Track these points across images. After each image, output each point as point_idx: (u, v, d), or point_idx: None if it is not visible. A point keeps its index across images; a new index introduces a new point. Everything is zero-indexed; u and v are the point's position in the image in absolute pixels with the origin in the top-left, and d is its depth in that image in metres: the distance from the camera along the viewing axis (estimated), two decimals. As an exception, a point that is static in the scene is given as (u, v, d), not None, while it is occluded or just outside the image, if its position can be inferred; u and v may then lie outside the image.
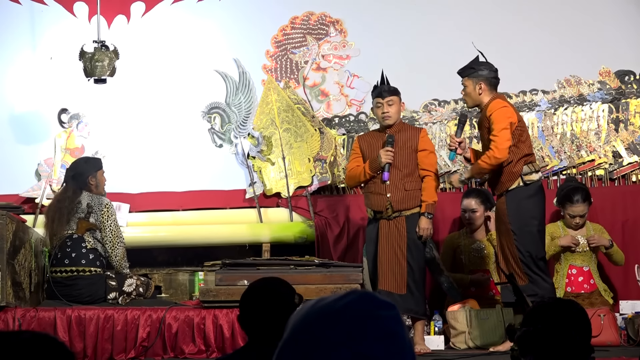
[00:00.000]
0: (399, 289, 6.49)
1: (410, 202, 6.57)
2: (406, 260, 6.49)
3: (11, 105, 8.27)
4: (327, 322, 1.57)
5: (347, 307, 1.59)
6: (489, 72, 6.35)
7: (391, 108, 6.66)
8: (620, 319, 6.80)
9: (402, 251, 6.50)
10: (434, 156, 6.74)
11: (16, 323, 6.51)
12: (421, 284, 6.59)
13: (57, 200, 7.13)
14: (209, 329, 6.54)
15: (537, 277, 6.23)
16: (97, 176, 7.09)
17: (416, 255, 6.53)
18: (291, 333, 1.60)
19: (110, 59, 7.48)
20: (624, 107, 8.07)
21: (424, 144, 6.64)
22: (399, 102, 6.72)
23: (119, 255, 6.96)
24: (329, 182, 8.14)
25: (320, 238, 7.85)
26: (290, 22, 8.37)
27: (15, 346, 1.68)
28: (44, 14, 8.35)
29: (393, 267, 6.51)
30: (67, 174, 7.22)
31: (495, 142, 6.16)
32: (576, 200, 7.21)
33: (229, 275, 6.67)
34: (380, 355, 1.56)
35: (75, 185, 7.04)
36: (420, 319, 6.58)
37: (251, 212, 8.11)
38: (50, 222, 7.02)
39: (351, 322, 1.56)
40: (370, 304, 1.60)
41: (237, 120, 8.25)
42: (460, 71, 6.45)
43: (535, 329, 2.93)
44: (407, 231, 6.53)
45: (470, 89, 6.37)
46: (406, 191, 6.57)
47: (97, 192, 7.06)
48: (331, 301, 1.60)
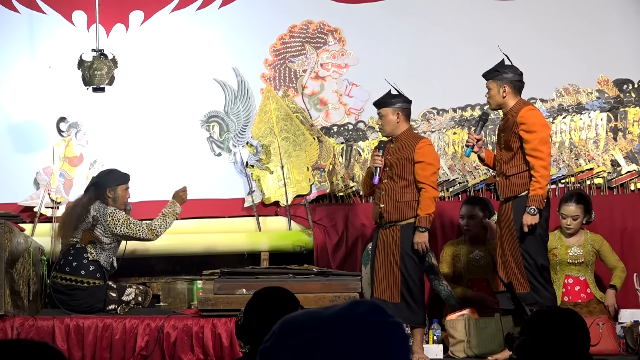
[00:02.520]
0: (392, 298, 6.49)
1: (402, 213, 6.56)
2: (400, 270, 6.48)
3: (10, 114, 8.27)
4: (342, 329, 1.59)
5: (364, 316, 1.63)
6: (513, 76, 6.38)
7: (381, 120, 6.78)
8: (619, 327, 6.79)
9: (396, 261, 6.50)
10: (432, 167, 6.61)
11: (14, 332, 6.50)
12: (417, 293, 6.56)
13: (73, 205, 7.18)
14: (208, 337, 6.53)
15: (540, 286, 6.22)
16: (117, 190, 7.08)
17: (409, 266, 6.50)
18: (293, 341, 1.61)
19: (109, 68, 7.48)
20: (622, 115, 8.08)
21: (420, 155, 6.59)
22: (390, 113, 6.71)
23: (145, 231, 6.94)
24: (328, 191, 8.14)
25: (319, 247, 7.85)
26: (288, 30, 8.38)
27: (14, 355, 1.68)
28: (42, 22, 8.35)
29: (387, 276, 6.52)
30: (91, 180, 7.25)
31: (541, 158, 6.17)
32: (569, 200, 7.20)
33: (228, 284, 6.67)
34: (403, 356, 1.63)
35: (93, 194, 7.04)
36: (418, 327, 6.58)
37: (250, 220, 8.10)
38: (62, 224, 7.08)
39: (373, 329, 1.62)
40: (383, 312, 1.65)
41: (235, 128, 8.25)
42: (485, 74, 6.47)
43: (534, 337, 2.93)
44: (401, 241, 6.52)
45: (495, 92, 6.39)
46: (398, 202, 6.57)
47: (115, 206, 7.04)
48: (341, 310, 1.63)
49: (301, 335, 1.61)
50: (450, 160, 8.12)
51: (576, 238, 7.23)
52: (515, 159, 6.30)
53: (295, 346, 1.60)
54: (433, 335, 6.85)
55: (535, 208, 6.17)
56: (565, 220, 7.16)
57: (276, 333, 1.64)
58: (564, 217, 7.17)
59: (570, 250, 7.19)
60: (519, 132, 6.23)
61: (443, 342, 6.83)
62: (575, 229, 7.20)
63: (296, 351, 1.60)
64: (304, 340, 1.60)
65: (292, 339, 1.61)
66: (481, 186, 8.07)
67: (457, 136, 8.17)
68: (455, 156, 8.12)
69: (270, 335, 1.65)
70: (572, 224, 7.16)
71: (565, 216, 7.16)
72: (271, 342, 1.64)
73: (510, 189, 6.31)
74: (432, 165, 6.62)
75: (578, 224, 7.19)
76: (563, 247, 7.20)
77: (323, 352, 1.58)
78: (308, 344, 1.60)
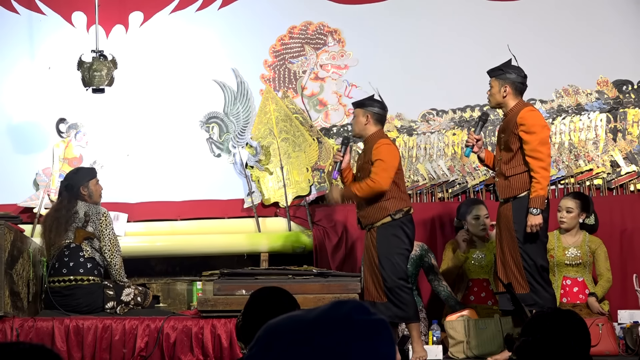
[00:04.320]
0: (379, 298, 6.49)
1: (375, 215, 6.54)
2: (379, 270, 6.48)
3: (9, 115, 8.27)
4: (328, 329, 1.59)
5: (348, 315, 1.62)
6: (516, 77, 6.37)
7: (352, 120, 6.83)
8: (619, 328, 6.79)
9: (375, 262, 6.50)
10: (382, 163, 6.48)
11: (14, 333, 6.50)
12: (401, 291, 6.47)
13: (54, 210, 7.13)
14: (207, 338, 6.53)
15: (539, 287, 6.21)
16: (89, 186, 7.08)
17: (386, 266, 6.46)
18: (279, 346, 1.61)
19: (109, 69, 7.48)
20: (621, 116, 8.08)
21: (375, 154, 6.53)
22: (360, 114, 6.66)
23: (117, 264, 6.96)
24: (327, 192, 8.14)
25: (319, 247, 7.85)
26: (288, 31, 8.38)
27: (12, 358, 1.67)
28: (42, 23, 8.35)
29: (372, 277, 6.53)
30: (61, 185, 7.24)
31: (541, 159, 6.17)
32: (567, 195, 7.24)
33: (227, 285, 6.67)
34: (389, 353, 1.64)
35: (70, 196, 7.04)
36: (412, 322, 6.56)
37: (249, 221, 8.10)
38: (48, 232, 7.01)
39: (359, 327, 1.62)
40: (367, 311, 1.65)
41: (235, 129, 8.25)
42: (490, 71, 6.47)
43: (534, 339, 2.92)
44: (377, 242, 6.50)
45: (495, 90, 6.39)
46: (369, 205, 6.55)
47: (92, 202, 7.05)
48: (325, 310, 1.62)
49: (287, 338, 1.60)
50: (449, 161, 8.12)
51: (574, 239, 7.21)
52: (515, 159, 6.29)
53: (281, 350, 1.60)
54: (433, 336, 6.84)
55: (538, 209, 6.17)
56: (560, 212, 7.16)
57: (261, 338, 1.63)
58: (559, 210, 7.18)
59: (568, 252, 7.18)
60: (518, 133, 6.23)
61: (443, 343, 6.83)
62: (569, 224, 7.16)
63: (283, 355, 1.59)
64: (290, 344, 1.60)
65: (277, 343, 1.60)
66: (480, 187, 8.07)
67: (456, 137, 8.17)
68: (455, 157, 8.12)
69: (255, 341, 1.65)
70: (566, 217, 7.14)
71: (560, 209, 7.17)
72: (256, 349, 1.63)
73: (509, 189, 6.31)
74: (382, 161, 6.50)
75: (572, 219, 7.16)
76: (560, 248, 7.19)
77: (310, 354, 1.58)
78: (294, 347, 1.59)
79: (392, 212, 6.49)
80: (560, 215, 7.15)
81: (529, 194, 6.21)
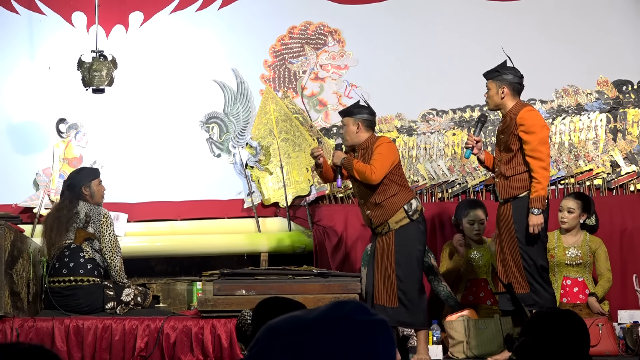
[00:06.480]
0: (390, 302, 6.47)
1: (388, 212, 6.53)
2: (395, 273, 6.46)
3: (9, 115, 8.28)
4: (328, 330, 1.59)
5: (349, 315, 1.62)
6: (513, 77, 6.37)
7: (342, 130, 6.78)
8: (619, 328, 6.79)
9: (391, 264, 6.48)
10: (380, 156, 6.49)
11: (14, 333, 6.50)
12: (415, 295, 6.51)
13: (55, 210, 7.13)
14: (207, 338, 6.53)
15: (539, 287, 6.21)
16: (91, 186, 7.08)
17: (405, 267, 6.47)
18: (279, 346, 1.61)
19: (109, 69, 7.49)
20: (621, 116, 8.08)
21: (377, 151, 6.55)
22: (350, 123, 6.63)
23: (117, 266, 6.95)
24: (327, 192, 8.14)
25: (319, 248, 7.85)
26: (288, 32, 8.38)
27: (11, 358, 1.68)
28: (42, 23, 8.35)
29: (385, 281, 6.51)
30: (63, 185, 7.23)
31: (541, 159, 6.16)
32: (569, 195, 7.24)
33: (227, 285, 6.67)
34: (390, 353, 1.63)
35: (71, 196, 7.04)
36: (421, 329, 6.57)
37: (249, 221, 8.11)
38: (49, 231, 7.00)
39: (359, 328, 1.62)
40: (366, 311, 1.65)
41: (235, 130, 8.25)
42: (486, 73, 6.46)
43: (534, 338, 2.93)
44: (395, 244, 6.49)
45: (493, 92, 6.38)
46: (378, 205, 6.53)
47: (93, 202, 7.04)
48: (325, 311, 1.62)
49: (287, 339, 1.60)
50: (449, 161, 8.12)
51: (574, 239, 7.22)
52: (515, 160, 6.29)
53: (282, 351, 1.60)
54: (432, 336, 6.84)
55: (539, 209, 6.17)
56: (561, 212, 7.17)
57: (261, 339, 1.63)
58: (560, 210, 7.18)
59: (568, 252, 7.19)
60: (518, 133, 6.23)
61: (442, 343, 6.83)
62: (570, 224, 7.17)
63: (283, 356, 1.59)
64: (290, 344, 1.60)
65: (278, 343, 1.60)
66: (480, 187, 8.07)
67: (456, 137, 8.17)
68: (455, 157, 8.12)
69: (256, 342, 1.64)
70: (567, 217, 7.15)
71: (561, 209, 7.18)
72: (257, 349, 1.63)
73: (509, 189, 6.31)
74: (382, 155, 6.53)
75: (573, 219, 7.16)
76: (561, 248, 7.19)
77: (310, 354, 1.58)
78: (295, 348, 1.59)
79: (407, 209, 6.50)
80: (562, 215, 7.16)
81: (529, 194, 6.21)
